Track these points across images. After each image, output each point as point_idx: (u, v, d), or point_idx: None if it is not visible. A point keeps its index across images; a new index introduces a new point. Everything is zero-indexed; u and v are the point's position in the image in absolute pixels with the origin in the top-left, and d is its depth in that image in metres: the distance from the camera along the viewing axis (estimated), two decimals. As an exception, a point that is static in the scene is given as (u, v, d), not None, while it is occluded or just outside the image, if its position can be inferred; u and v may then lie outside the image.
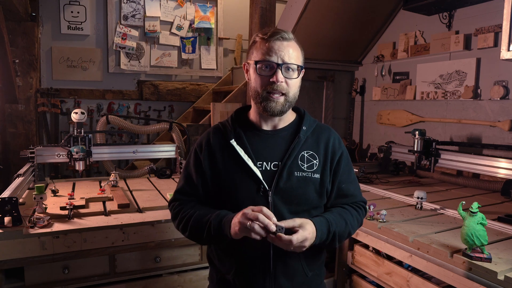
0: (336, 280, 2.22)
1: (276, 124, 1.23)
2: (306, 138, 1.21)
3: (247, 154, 1.16)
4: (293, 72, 1.15)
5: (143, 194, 2.30)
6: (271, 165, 1.18)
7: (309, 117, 1.28)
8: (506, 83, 2.63)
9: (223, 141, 1.21)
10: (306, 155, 1.19)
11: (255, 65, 1.15)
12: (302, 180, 1.17)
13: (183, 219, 1.19)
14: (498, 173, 2.23)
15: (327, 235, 1.10)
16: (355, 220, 1.22)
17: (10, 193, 1.82)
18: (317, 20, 3.32)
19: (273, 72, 1.12)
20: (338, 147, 1.24)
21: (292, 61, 1.13)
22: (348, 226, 1.17)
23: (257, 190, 1.15)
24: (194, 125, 3.57)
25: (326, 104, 3.89)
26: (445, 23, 3.03)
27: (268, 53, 1.12)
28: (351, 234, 1.21)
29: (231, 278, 1.19)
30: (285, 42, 1.13)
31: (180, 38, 4.24)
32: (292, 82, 1.15)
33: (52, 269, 1.67)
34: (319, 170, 1.19)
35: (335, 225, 1.13)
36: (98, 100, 3.92)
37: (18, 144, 3.46)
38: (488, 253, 1.41)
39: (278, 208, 1.14)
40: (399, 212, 2.04)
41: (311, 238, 1.05)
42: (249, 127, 1.24)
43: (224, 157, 1.20)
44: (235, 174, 1.17)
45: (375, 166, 3.15)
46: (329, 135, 1.25)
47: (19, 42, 3.44)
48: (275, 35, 1.13)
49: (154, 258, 1.86)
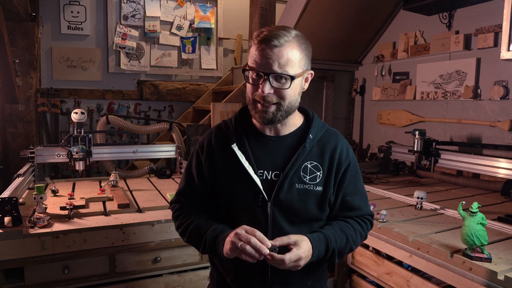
0: (336, 280, 2.22)
1: (279, 130, 1.15)
2: (311, 147, 1.13)
3: (248, 161, 1.10)
4: (285, 81, 1.03)
5: (143, 194, 2.30)
6: (272, 174, 1.11)
7: (318, 122, 1.18)
8: (506, 83, 2.63)
9: (224, 144, 1.15)
10: (310, 166, 1.12)
11: (244, 73, 1.08)
12: (303, 192, 1.10)
13: (182, 225, 1.17)
14: (498, 173, 2.22)
15: (326, 252, 1.06)
16: (358, 236, 1.15)
17: (10, 193, 1.83)
18: (317, 20, 3.32)
19: (262, 82, 1.03)
20: (345, 158, 1.15)
21: (285, 69, 1.02)
22: (350, 242, 1.11)
23: (255, 199, 1.09)
24: (194, 125, 3.57)
25: (326, 104, 3.89)
26: (445, 23, 3.03)
27: (257, 60, 1.03)
28: (353, 249, 1.15)
29: (230, 281, 1.16)
30: (275, 49, 1.01)
31: (180, 38, 4.24)
32: (285, 92, 1.04)
33: (52, 269, 1.67)
34: (322, 182, 1.12)
35: (335, 241, 1.07)
36: (98, 100, 3.92)
37: (18, 144, 3.46)
38: (488, 253, 1.41)
39: (277, 219, 1.09)
40: (399, 212, 2.04)
41: (306, 256, 1.00)
42: (252, 131, 1.17)
43: (224, 161, 1.14)
44: (234, 180, 1.11)
45: (375, 166, 3.15)
46: (337, 143, 1.16)
47: (19, 42, 3.43)
48: (264, 41, 1.02)
49: (154, 258, 1.86)
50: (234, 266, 1.13)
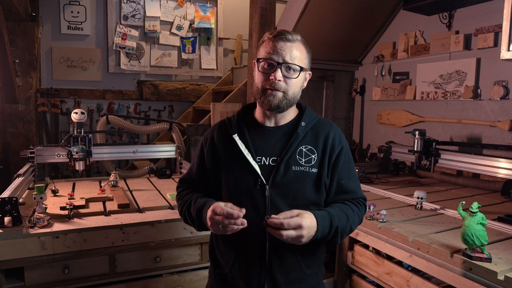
0: (336, 280, 2.22)
1: (278, 121, 1.26)
2: (305, 134, 1.23)
3: (247, 149, 1.21)
4: (293, 72, 1.17)
5: (143, 194, 2.30)
6: (269, 160, 1.21)
7: (309, 112, 1.29)
8: (506, 83, 2.63)
9: (226, 136, 1.26)
10: (305, 150, 1.21)
11: (258, 63, 1.20)
12: (299, 174, 1.19)
13: (180, 206, 1.30)
14: (498, 173, 2.23)
15: (329, 229, 1.10)
16: (356, 216, 1.22)
17: (10, 193, 1.83)
18: (317, 20, 3.32)
19: (273, 70, 1.16)
20: (338, 142, 1.25)
21: (295, 61, 1.16)
22: (350, 221, 1.17)
23: (254, 184, 1.18)
24: (194, 125, 3.57)
25: (326, 104, 3.89)
26: (445, 23, 3.03)
27: (270, 51, 1.17)
28: (352, 230, 1.21)
29: (228, 271, 1.22)
30: (288, 43, 1.16)
31: (180, 38, 4.24)
32: (291, 81, 1.18)
33: (52, 269, 1.67)
34: (317, 165, 1.21)
35: (338, 220, 1.13)
36: (98, 100, 3.92)
37: (18, 144, 3.46)
38: (488, 253, 1.41)
39: (275, 202, 1.17)
40: (399, 212, 2.04)
41: (308, 227, 1.03)
42: (253, 123, 1.28)
43: (226, 151, 1.25)
44: (235, 168, 1.22)
45: (375, 166, 3.15)
46: (330, 130, 1.26)
47: (19, 42, 3.44)
48: (279, 35, 1.17)
49: (154, 258, 1.86)
50: (235, 252, 1.20)
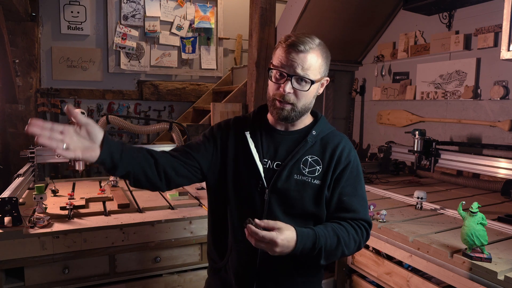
0: (336, 280, 2.22)
1: (289, 127, 1.25)
2: (314, 143, 1.20)
3: (256, 149, 1.20)
4: (305, 84, 1.13)
5: (143, 194, 2.30)
6: (274, 164, 1.20)
7: (324, 122, 1.26)
8: (506, 83, 2.63)
9: (239, 131, 1.25)
10: (310, 160, 1.18)
11: (270, 71, 1.17)
12: (301, 183, 1.16)
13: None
14: (498, 173, 2.23)
15: (311, 249, 1.04)
16: (352, 240, 1.12)
17: (10, 193, 1.83)
18: (317, 20, 3.32)
19: (284, 81, 1.13)
20: (346, 157, 1.20)
21: (307, 73, 1.12)
22: (341, 245, 1.09)
23: (255, 185, 1.17)
24: (194, 125, 3.57)
25: (326, 104, 3.89)
26: (445, 23, 3.03)
27: (282, 62, 1.13)
28: (346, 254, 1.12)
29: (222, 265, 1.25)
30: (301, 54, 1.11)
31: (180, 38, 4.23)
32: (302, 94, 1.14)
33: (52, 269, 1.67)
34: (320, 177, 1.17)
35: (324, 241, 1.05)
36: (98, 100, 3.92)
37: (18, 144, 3.46)
38: (488, 253, 1.41)
39: (272, 207, 1.16)
40: (399, 212, 2.04)
41: (283, 245, 0.98)
42: (266, 125, 1.27)
43: (236, 146, 1.24)
44: (241, 165, 1.21)
45: (375, 166, 3.15)
46: (339, 142, 1.22)
47: (19, 42, 3.43)
48: (292, 46, 1.11)
49: (154, 258, 1.86)
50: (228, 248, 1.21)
